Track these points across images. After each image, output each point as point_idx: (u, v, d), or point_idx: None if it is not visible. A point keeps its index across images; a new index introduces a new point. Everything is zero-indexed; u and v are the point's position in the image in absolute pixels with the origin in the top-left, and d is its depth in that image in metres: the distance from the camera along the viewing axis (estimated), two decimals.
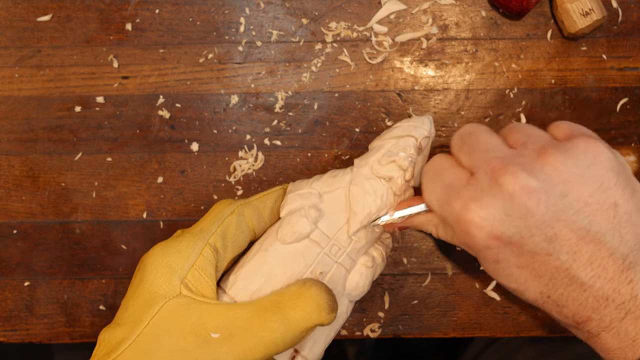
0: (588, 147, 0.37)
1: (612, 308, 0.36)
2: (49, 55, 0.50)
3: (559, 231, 0.36)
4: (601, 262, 0.36)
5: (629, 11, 0.50)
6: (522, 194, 0.36)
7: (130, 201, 0.50)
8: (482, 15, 0.50)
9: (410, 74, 0.50)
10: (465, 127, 0.41)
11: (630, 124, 0.49)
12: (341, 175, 0.43)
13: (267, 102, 0.50)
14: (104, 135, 0.50)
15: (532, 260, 0.37)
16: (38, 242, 0.50)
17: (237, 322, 0.38)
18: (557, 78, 0.50)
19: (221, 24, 0.50)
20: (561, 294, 0.37)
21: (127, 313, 0.38)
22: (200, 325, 0.37)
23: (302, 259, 0.41)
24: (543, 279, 0.37)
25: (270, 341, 0.37)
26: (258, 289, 0.40)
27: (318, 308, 0.38)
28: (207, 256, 0.39)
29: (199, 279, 0.39)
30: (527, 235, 0.36)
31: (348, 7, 0.50)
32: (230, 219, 0.41)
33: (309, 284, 0.39)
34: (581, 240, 0.36)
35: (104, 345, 0.38)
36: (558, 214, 0.36)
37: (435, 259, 0.50)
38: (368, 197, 0.42)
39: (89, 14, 0.50)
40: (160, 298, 0.38)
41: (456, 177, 0.39)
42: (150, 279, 0.38)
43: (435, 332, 0.49)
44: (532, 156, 0.37)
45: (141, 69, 0.50)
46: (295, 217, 0.41)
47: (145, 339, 0.37)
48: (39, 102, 0.50)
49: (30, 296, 0.50)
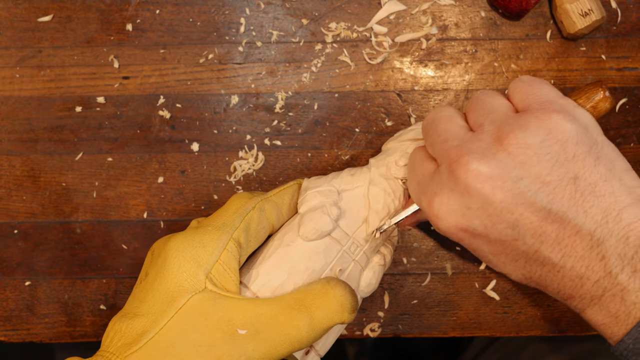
0: (540, 123, 0.36)
1: (589, 286, 0.35)
2: (49, 55, 0.50)
3: (519, 215, 0.35)
4: (568, 241, 0.35)
5: (628, 12, 0.50)
6: (477, 183, 0.35)
7: (130, 201, 0.50)
8: (482, 16, 0.50)
9: (410, 74, 0.50)
10: (428, 116, 0.41)
11: (629, 124, 0.50)
12: (359, 174, 0.44)
13: (267, 102, 0.50)
14: (104, 135, 0.50)
15: (503, 247, 0.37)
16: (39, 242, 0.50)
17: (264, 319, 0.38)
18: (557, 78, 0.50)
19: (221, 24, 0.50)
20: (539, 275, 0.37)
21: (147, 304, 0.38)
22: (227, 321, 0.37)
23: (323, 256, 0.41)
24: (519, 263, 0.37)
25: (295, 339, 0.38)
26: (280, 285, 0.40)
27: (341, 308, 0.39)
28: (232, 251, 0.39)
29: (224, 274, 0.39)
30: (490, 224, 0.36)
31: (348, 7, 0.50)
32: (252, 214, 0.41)
33: (333, 284, 0.39)
34: (544, 221, 0.35)
35: (121, 335, 0.37)
36: (516, 198, 0.35)
37: (435, 258, 0.50)
38: (387, 197, 0.43)
39: (90, 14, 0.51)
40: (186, 292, 0.37)
41: (423, 173, 0.39)
42: (173, 271, 0.38)
43: (434, 331, 0.50)
44: (487, 141, 0.37)
45: (142, 69, 0.50)
46: (318, 214, 0.41)
47: (170, 332, 0.37)
48: (39, 102, 0.50)
49: (31, 296, 0.50)
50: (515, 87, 0.39)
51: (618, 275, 0.34)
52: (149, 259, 0.41)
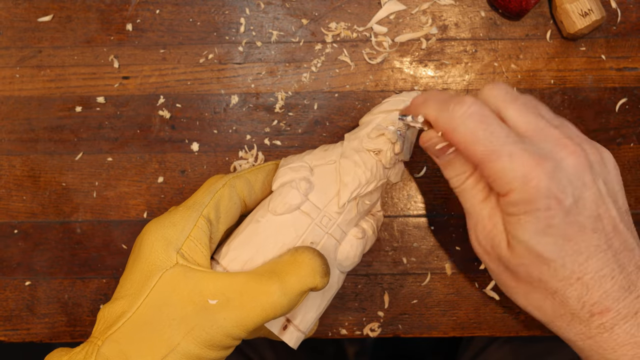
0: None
1: (631, 299, 0.36)
2: (49, 55, 0.50)
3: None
4: (628, 253, 0.37)
5: (627, 12, 0.50)
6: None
7: (130, 201, 0.50)
8: (482, 16, 0.50)
9: (409, 74, 0.50)
10: (495, 85, 0.40)
11: (629, 124, 0.50)
12: (332, 149, 0.44)
13: (267, 102, 0.50)
14: (104, 135, 0.50)
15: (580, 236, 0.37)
16: (39, 241, 0.50)
17: (234, 286, 0.38)
18: (557, 78, 0.50)
19: (221, 24, 0.50)
20: (592, 277, 0.37)
21: (125, 287, 0.39)
22: (198, 293, 0.38)
23: (293, 229, 0.42)
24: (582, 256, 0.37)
25: (268, 304, 0.38)
26: (250, 259, 0.41)
27: (312, 272, 0.39)
28: (202, 227, 0.40)
29: (194, 249, 0.40)
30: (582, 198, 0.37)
31: (348, 7, 0.50)
32: (222, 191, 0.42)
33: (301, 250, 0.40)
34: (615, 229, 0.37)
35: (104, 320, 0.39)
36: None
37: (434, 258, 0.50)
38: (358, 169, 0.42)
39: (90, 14, 0.51)
40: (158, 269, 0.39)
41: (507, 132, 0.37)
42: (146, 252, 0.39)
43: (434, 331, 0.50)
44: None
45: (142, 69, 0.50)
46: (286, 188, 0.42)
47: (146, 310, 0.38)
48: (39, 102, 0.50)
49: (31, 296, 0.50)
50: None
51: None
52: (133, 246, 0.42)
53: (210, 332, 0.37)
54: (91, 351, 0.37)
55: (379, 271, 0.50)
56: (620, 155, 0.49)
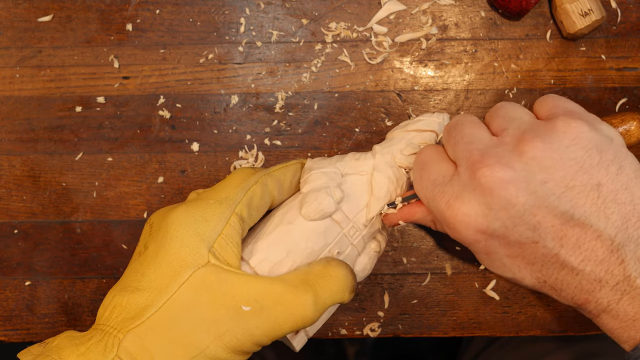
0: (567, 128, 0.36)
1: (607, 290, 0.35)
2: (49, 55, 0.50)
3: (541, 218, 0.36)
4: (589, 245, 0.35)
5: (627, 12, 0.50)
6: (500, 186, 0.36)
7: (130, 201, 0.50)
8: (482, 16, 0.50)
9: (410, 74, 0.50)
10: (453, 119, 0.41)
11: None
12: (363, 159, 0.44)
13: (267, 102, 0.50)
14: (104, 135, 0.50)
15: (521, 250, 0.37)
16: (39, 241, 0.50)
17: (269, 295, 0.38)
18: (557, 78, 0.50)
19: (221, 24, 0.50)
20: (555, 278, 0.37)
21: (149, 278, 0.37)
22: (231, 297, 0.37)
23: (323, 237, 0.41)
24: (535, 266, 0.37)
25: (300, 317, 0.38)
26: (279, 262, 0.40)
27: (343, 288, 0.39)
28: (234, 225, 0.39)
29: (226, 248, 0.38)
30: (511, 226, 0.36)
31: (348, 7, 0.50)
32: (255, 188, 0.40)
33: (334, 264, 0.40)
34: (565, 225, 0.35)
35: (121, 309, 0.37)
36: (539, 202, 0.36)
37: (434, 258, 0.50)
38: (390, 185, 0.43)
39: (90, 14, 0.51)
40: (189, 266, 0.37)
41: (440, 173, 0.39)
42: (176, 245, 0.37)
43: (434, 331, 0.50)
44: (512, 144, 0.37)
45: (142, 69, 0.50)
46: (322, 195, 0.41)
47: (173, 307, 0.36)
48: (39, 102, 0.50)
49: (31, 296, 0.50)
50: (542, 101, 0.40)
51: (637, 279, 0.35)
52: (147, 232, 0.40)
53: (241, 338, 0.37)
54: (111, 344, 0.36)
55: (379, 271, 0.50)
56: None
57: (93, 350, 0.35)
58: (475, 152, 0.37)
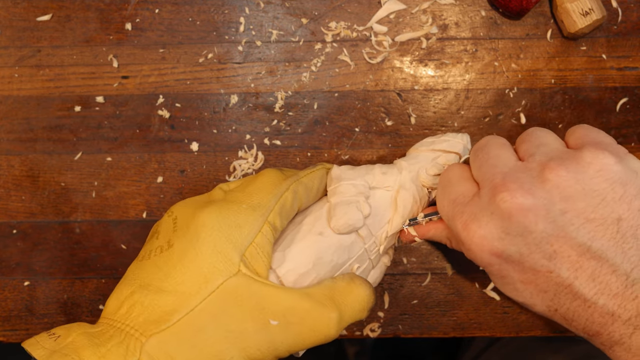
0: (593, 159, 0.36)
1: (619, 324, 0.35)
2: (48, 55, 0.50)
3: (558, 248, 0.35)
4: (604, 278, 0.35)
5: (628, 11, 0.50)
6: (519, 212, 0.36)
7: (130, 201, 0.50)
8: (482, 15, 0.50)
9: (410, 73, 0.50)
10: (482, 139, 0.41)
11: (630, 124, 0.49)
12: (390, 174, 0.44)
13: (267, 101, 0.50)
14: (103, 135, 0.50)
15: (535, 277, 0.37)
16: (38, 241, 0.50)
17: (296, 312, 0.37)
18: (557, 78, 0.50)
19: (221, 23, 0.50)
20: (567, 308, 0.36)
21: (175, 281, 0.36)
22: (260, 310, 0.37)
23: (347, 251, 0.42)
24: (548, 294, 0.37)
25: (323, 335, 0.38)
26: (305, 273, 0.40)
27: (365, 308, 0.40)
28: (266, 234, 0.38)
29: (257, 257, 0.38)
30: (527, 252, 0.36)
31: (348, 6, 0.50)
32: (286, 196, 0.40)
33: (357, 282, 0.40)
34: (582, 257, 0.35)
35: (142, 309, 0.36)
36: (557, 231, 0.35)
37: (434, 258, 0.50)
38: (414, 205, 0.44)
39: (89, 13, 0.50)
40: (220, 274, 0.36)
41: (462, 192, 0.39)
42: (208, 250, 0.37)
43: (434, 331, 0.49)
44: (536, 170, 0.37)
45: (141, 68, 0.50)
46: (352, 209, 0.41)
47: (201, 315, 0.36)
48: (38, 102, 0.50)
49: (30, 296, 0.50)
50: (573, 130, 0.40)
51: None
52: (170, 226, 0.39)
53: (265, 352, 0.37)
54: (133, 347, 0.35)
55: None
56: None
57: (114, 352, 0.34)
58: (499, 175, 0.37)
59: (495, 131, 0.50)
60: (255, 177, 0.41)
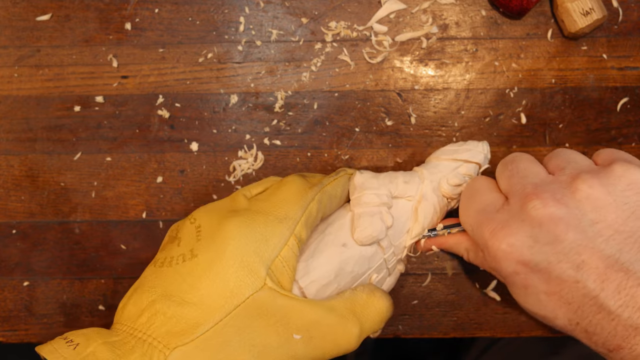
0: (624, 172, 0.37)
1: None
2: (48, 54, 0.50)
3: (587, 258, 0.35)
4: (629, 291, 0.35)
5: (629, 11, 0.50)
6: (550, 220, 0.36)
7: (129, 201, 0.50)
8: (482, 15, 0.50)
9: (410, 73, 0.50)
10: (510, 155, 0.42)
11: (630, 124, 0.49)
12: (412, 182, 0.44)
13: (267, 101, 0.50)
14: (103, 134, 0.50)
15: (560, 287, 0.36)
16: (37, 242, 0.50)
17: (319, 326, 0.38)
18: (558, 77, 0.50)
19: (221, 23, 0.50)
20: (590, 321, 0.36)
21: (200, 293, 0.36)
22: (284, 324, 0.37)
23: (367, 262, 0.42)
24: (572, 306, 0.37)
25: (344, 348, 0.38)
26: (327, 284, 0.40)
27: (382, 319, 0.41)
28: (292, 248, 0.38)
29: (282, 271, 0.38)
30: (555, 261, 0.36)
31: (348, 6, 0.50)
32: (312, 207, 0.40)
33: (378, 295, 0.41)
34: (609, 269, 0.35)
35: (165, 320, 0.35)
36: (586, 241, 0.35)
37: (435, 259, 0.50)
38: (435, 215, 0.44)
39: (88, 13, 0.50)
40: (247, 288, 0.36)
41: (490, 202, 0.40)
42: (234, 264, 0.36)
43: (435, 332, 0.49)
44: (566, 182, 0.37)
45: (140, 68, 0.50)
46: (376, 221, 0.41)
47: (226, 329, 0.35)
48: (38, 102, 0.50)
49: (30, 296, 0.50)
50: (601, 151, 0.41)
51: None
52: (193, 234, 0.39)
53: None
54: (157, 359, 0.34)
55: None
56: None
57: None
58: (529, 185, 0.38)
59: (495, 131, 0.49)
60: (279, 185, 0.41)
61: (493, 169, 0.44)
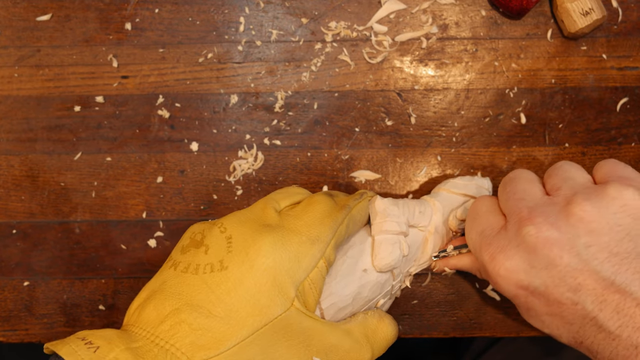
0: (617, 194, 0.37)
1: None
2: (48, 54, 0.50)
3: (582, 281, 0.36)
4: (628, 311, 0.35)
5: (629, 11, 0.50)
6: (544, 245, 0.36)
7: (129, 201, 0.50)
8: (482, 15, 0.50)
9: (410, 73, 0.50)
10: (510, 173, 0.42)
11: (630, 124, 0.49)
12: (425, 214, 0.45)
13: (267, 101, 0.50)
14: (103, 135, 0.50)
15: (560, 309, 0.37)
16: (37, 242, 0.50)
17: (337, 350, 0.38)
18: (557, 78, 0.50)
19: (221, 23, 0.50)
20: (592, 341, 0.36)
21: (229, 307, 0.35)
22: (306, 346, 0.37)
23: (380, 288, 0.43)
24: (574, 327, 0.37)
25: None
26: (344, 307, 0.41)
27: (388, 346, 0.42)
28: (321, 270, 0.39)
29: (309, 293, 0.38)
30: (552, 285, 0.36)
31: (348, 6, 0.50)
32: (341, 230, 0.40)
33: (387, 322, 0.42)
34: (606, 290, 0.35)
35: (190, 331, 0.34)
36: (581, 265, 0.36)
37: None
38: (441, 245, 0.45)
39: (89, 13, 0.50)
40: (277, 307, 0.36)
41: (490, 224, 0.40)
42: (267, 283, 0.36)
43: (435, 332, 0.49)
44: (561, 205, 0.37)
45: (141, 68, 0.50)
46: (396, 250, 0.42)
47: (251, 346, 0.35)
48: (38, 102, 0.50)
49: (30, 296, 0.50)
50: (601, 164, 0.41)
51: None
52: (223, 244, 0.38)
53: None
54: None
55: None
56: (621, 155, 0.49)
57: None
58: (525, 209, 0.38)
59: (495, 131, 0.49)
60: (309, 204, 0.41)
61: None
